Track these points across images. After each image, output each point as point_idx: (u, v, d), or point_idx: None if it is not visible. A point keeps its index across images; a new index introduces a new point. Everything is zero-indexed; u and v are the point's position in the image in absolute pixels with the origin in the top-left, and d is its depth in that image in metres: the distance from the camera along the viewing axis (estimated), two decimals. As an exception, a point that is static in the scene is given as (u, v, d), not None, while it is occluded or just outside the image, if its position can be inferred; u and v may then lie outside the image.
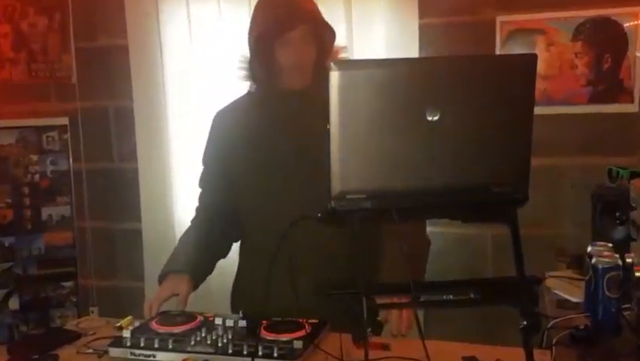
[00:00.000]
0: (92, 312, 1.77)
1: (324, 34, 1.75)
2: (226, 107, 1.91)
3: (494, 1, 2.70)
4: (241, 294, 1.90)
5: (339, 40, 1.80)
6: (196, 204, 1.97)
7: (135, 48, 3.05)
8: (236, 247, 1.94)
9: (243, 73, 1.79)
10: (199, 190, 1.94)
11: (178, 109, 3.04)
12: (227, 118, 1.87)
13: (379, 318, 1.58)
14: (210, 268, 1.84)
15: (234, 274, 1.96)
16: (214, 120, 1.90)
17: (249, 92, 1.86)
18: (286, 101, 1.74)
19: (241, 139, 1.78)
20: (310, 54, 1.73)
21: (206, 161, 1.91)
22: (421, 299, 1.17)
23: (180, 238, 1.90)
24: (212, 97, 2.97)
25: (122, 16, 3.03)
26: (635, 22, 2.56)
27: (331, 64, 1.03)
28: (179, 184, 3.08)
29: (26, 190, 2.97)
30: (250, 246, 1.88)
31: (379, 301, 1.20)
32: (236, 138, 1.80)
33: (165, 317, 1.60)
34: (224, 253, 1.89)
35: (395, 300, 1.31)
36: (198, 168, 1.95)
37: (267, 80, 1.75)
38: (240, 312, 1.57)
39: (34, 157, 2.98)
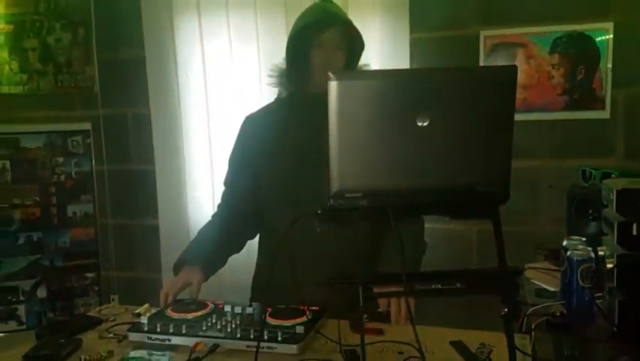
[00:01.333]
0: (113, 300, 1.76)
1: (354, 42, 1.75)
2: (256, 112, 1.88)
3: (479, 17, 2.70)
4: (260, 287, 1.87)
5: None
6: (212, 198, 1.95)
7: (152, 59, 3.05)
8: (250, 244, 1.93)
9: (274, 80, 1.77)
10: (223, 188, 1.90)
11: (191, 115, 3.04)
12: (256, 122, 1.83)
13: (380, 310, 1.58)
14: (222, 262, 1.82)
15: (245, 269, 1.96)
16: (244, 124, 1.85)
17: (276, 99, 1.83)
18: (315, 103, 1.70)
19: (270, 143, 1.75)
20: (340, 58, 1.72)
21: (232, 162, 1.87)
22: (413, 289, 1.17)
23: (199, 231, 1.87)
24: (223, 104, 2.98)
25: (140, 30, 3.04)
26: (607, 37, 2.56)
27: (329, 74, 1.03)
28: (192, 184, 3.08)
29: (53, 189, 2.97)
30: (269, 242, 1.84)
31: (375, 290, 1.21)
32: (264, 141, 1.77)
33: (179, 305, 1.60)
34: (237, 250, 1.87)
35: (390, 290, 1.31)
36: (210, 170, 1.94)
37: (298, 82, 1.73)
38: (249, 299, 1.57)
39: (60, 159, 2.98)
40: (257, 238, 1.92)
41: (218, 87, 2.98)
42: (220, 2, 2.91)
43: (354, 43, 1.75)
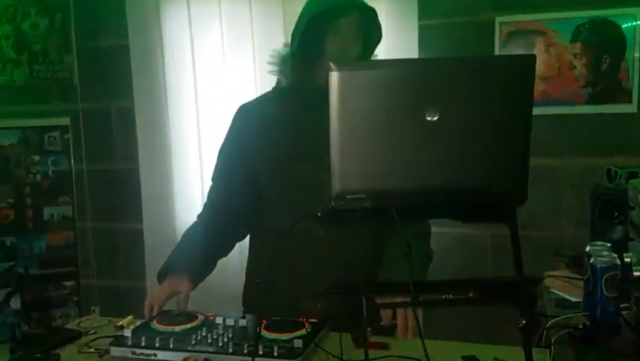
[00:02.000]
0: (94, 311, 1.77)
1: (372, 32, 1.75)
2: (250, 102, 1.87)
3: (494, 2, 2.70)
4: (253, 295, 1.86)
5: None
6: (202, 200, 1.94)
7: (136, 49, 3.05)
8: (241, 245, 1.93)
9: (275, 68, 1.75)
10: (210, 184, 1.89)
11: (179, 110, 3.05)
12: (252, 112, 1.82)
13: (383, 323, 1.57)
14: (211, 267, 1.82)
15: (236, 275, 1.96)
16: (238, 114, 1.84)
17: (275, 88, 1.81)
18: (321, 95, 1.69)
19: (267, 135, 1.74)
20: (356, 48, 1.71)
21: (223, 155, 1.85)
22: (421, 299, 1.17)
23: (184, 234, 1.86)
24: (214, 97, 2.98)
25: (123, 17, 3.04)
26: (634, 24, 2.56)
27: (330, 64, 1.03)
28: (180, 185, 3.09)
29: (28, 190, 2.97)
30: (264, 243, 1.83)
31: (379, 300, 1.20)
32: (261, 133, 1.76)
33: (166, 316, 1.60)
34: (225, 252, 1.87)
35: (395, 300, 1.31)
36: (199, 169, 1.93)
37: (304, 72, 1.70)
38: (242, 311, 1.57)
39: (36, 157, 2.98)
40: (246, 239, 1.91)
41: (208, 79, 2.98)
42: (211, -15, 2.92)
43: (371, 34, 1.75)
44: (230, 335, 1.47)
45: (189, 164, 3.06)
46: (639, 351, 1.38)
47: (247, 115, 1.83)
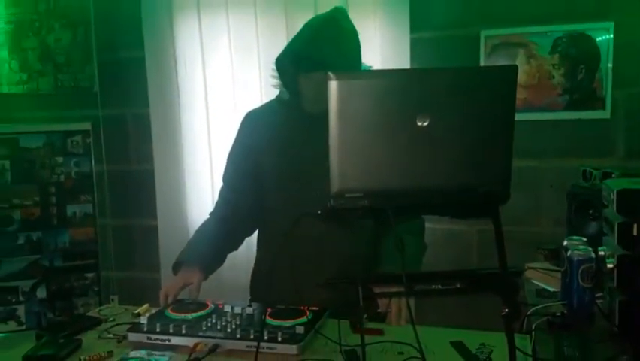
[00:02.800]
0: (112, 300, 1.77)
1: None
2: (257, 109, 1.86)
3: (479, 17, 2.70)
4: (260, 282, 1.86)
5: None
6: (212, 198, 1.93)
7: (151, 60, 3.05)
8: (248, 241, 1.92)
9: (275, 81, 1.74)
10: (221, 184, 1.88)
11: (191, 115, 3.05)
12: (258, 119, 1.81)
13: (380, 310, 1.57)
14: (221, 261, 1.82)
15: (244, 267, 1.95)
16: (244, 121, 1.83)
17: (278, 98, 1.80)
18: (312, 114, 1.66)
19: (272, 140, 1.73)
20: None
21: (232, 158, 1.85)
22: (413, 289, 1.17)
23: (197, 230, 1.85)
24: (224, 104, 2.98)
25: (140, 31, 3.04)
26: (607, 37, 2.56)
27: (329, 74, 1.03)
28: (191, 184, 3.09)
29: (52, 189, 2.98)
30: (270, 239, 1.83)
31: (376, 290, 1.21)
32: (266, 138, 1.75)
33: (179, 305, 1.60)
34: (235, 247, 1.86)
35: (390, 290, 1.31)
36: (209, 170, 1.93)
37: (294, 97, 1.69)
38: (249, 300, 1.57)
39: (60, 159, 2.99)
40: (255, 233, 1.91)
41: (218, 87, 2.98)
42: (220, 2, 2.91)
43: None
44: (237, 322, 1.47)
45: (200, 165, 3.05)
46: (612, 337, 1.38)
47: (254, 121, 1.82)
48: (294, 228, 1.56)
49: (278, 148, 1.72)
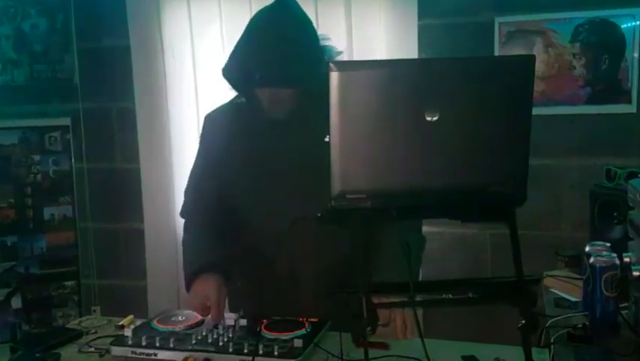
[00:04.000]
0: (94, 311, 1.77)
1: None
2: (216, 111, 1.85)
3: (493, 2, 2.70)
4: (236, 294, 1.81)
5: (339, 43, 1.76)
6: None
7: (137, 49, 3.05)
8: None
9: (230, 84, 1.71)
10: (183, 199, 1.86)
11: (179, 110, 3.05)
12: (217, 122, 1.81)
13: (381, 323, 1.57)
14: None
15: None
16: (204, 124, 1.84)
17: (233, 102, 1.78)
18: (271, 118, 1.66)
19: (231, 144, 1.72)
20: (290, 93, 1.60)
21: (198, 164, 1.84)
22: (421, 299, 1.17)
23: (186, 241, 1.79)
24: (215, 98, 2.97)
25: (124, 17, 3.04)
26: (633, 24, 2.56)
27: (330, 64, 1.03)
28: (180, 184, 3.07)
29: (29, 190, 2.98)
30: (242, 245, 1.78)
31: (379, 301, 1.20)
32: (226, 142, 1.74)
33: (166, 316, 1.60)
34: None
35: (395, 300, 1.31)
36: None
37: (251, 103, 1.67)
38: (241, 311, 1.57)
39: (37, 157, 2.99)
40: None
41: (209, 79, 2.98)
42: (211, -14, 2.92)
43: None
44: (230, 335, 1.47)
45: (190, 164, 3.05)
46: (638, 350, 1.38)
47: (213, 124, 1.82)
48: (290, 232, 1.57)
49: (239, 150, 1.70)
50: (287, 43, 1.55)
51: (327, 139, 1.60)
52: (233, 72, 1.64)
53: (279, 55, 1.54)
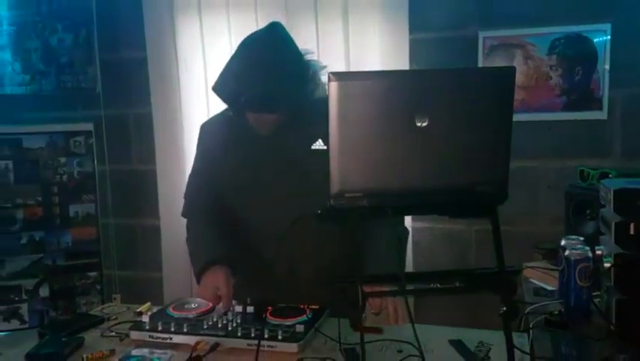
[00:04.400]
0: (115, 299, 1.76)
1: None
2: (210, 121, 1.81)
3: (478, 19, 2.70)
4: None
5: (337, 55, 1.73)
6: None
7: (154, 60, 3.05)
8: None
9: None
10: (183, 201, 1.84)
11: (192, 115, 3.04)
12: (210, 131, 1.77)
13: (374, 312, 1.56)
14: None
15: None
16: (199, 133, 1.80)
17: (224, 114, 1.74)
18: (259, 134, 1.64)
19: (222, 152, 1.70)
20: (274, 117, 1.58)
21: (196, 169, 1.81)
22: (412, 288, 1.17)
23: (189, 239, 1.77)
24: (224, 104, 2.97)
25: (142, 31, 3.04)
26: (604, 38, 2.56)
27: (329, 75, 1.03)
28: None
29: (55, 189, 2.97)
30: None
31: (373, 289, 1.21)
32: (218, 150, 1.71)
33: (180, 304, 1.60)
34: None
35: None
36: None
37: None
38: (248, 299, 1.57)
39: (63, 159, 2.98)
40: None
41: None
42: (221, 2, 2.91)
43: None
44: (238, 321, 1.47)
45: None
46: (609, 335, 1.38)
47: (207, 133, 1.78)
48: (295, 227, 1.57)
49: (229, 159, 1.68)
50: (273, 71, 1.50)
51: (315, 146, 1.60)
52: (222, 91, 1.58)
53: (264, 82, 1.49)
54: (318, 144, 1.59)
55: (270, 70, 1.50)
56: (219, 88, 1.58)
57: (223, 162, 1.70)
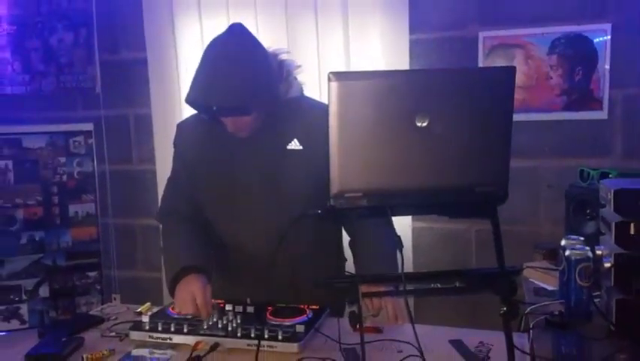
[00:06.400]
0: (115, 299, 1.77)
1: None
2: (187, 121, 1.78)
3: (478, 19, 2.70)
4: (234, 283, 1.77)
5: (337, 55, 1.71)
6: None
7: (153, 60, 3.05)
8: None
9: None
10: (160, 202, 1.81)
11: (192, 116, 3.04)
12: (187, 132, 1.75)
13: (372, 313, 1.55)
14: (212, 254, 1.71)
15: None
16: (176, 133, 1.78)
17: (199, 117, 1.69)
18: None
19: (199, 153, 1.68)
20: (247, 119, 1.55)
21: (173, 171, 1.80)
22: (411, 288, 1.17)
23: (164, 246, 1.73)
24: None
25: (142, 31, 3.04)
26: (604, 38, 2.56)
27: (330, 75, 1.03)
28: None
29: (55, 189, 2.98)
30: (221, 255, 1.74)
31: (373, 290, 1.21)
32: (196, 151, 1.69)
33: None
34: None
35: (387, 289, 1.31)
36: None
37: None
38: (248, 299, 1.57)
39: (62, 159, 2.99)
40: None
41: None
42: (221, 2, 2.91)
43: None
44: (238, 321, 1.47)
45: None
46: (609, 335, 1.38)
47: (184, 133, 1.76)
48: (296, 225, 1.56)
49: (207, 161, 1.66)
50: (238, 72, 1.47)
51: (290, 146, 1.56)
52: (193, 103, 1.53)
53: (231, 87, 1.45)
54: (294, 144, 1.58)
55: (234, 72, 1.46)
56: (191, 100, 1.52)
57: (199, 163, 1.68)
